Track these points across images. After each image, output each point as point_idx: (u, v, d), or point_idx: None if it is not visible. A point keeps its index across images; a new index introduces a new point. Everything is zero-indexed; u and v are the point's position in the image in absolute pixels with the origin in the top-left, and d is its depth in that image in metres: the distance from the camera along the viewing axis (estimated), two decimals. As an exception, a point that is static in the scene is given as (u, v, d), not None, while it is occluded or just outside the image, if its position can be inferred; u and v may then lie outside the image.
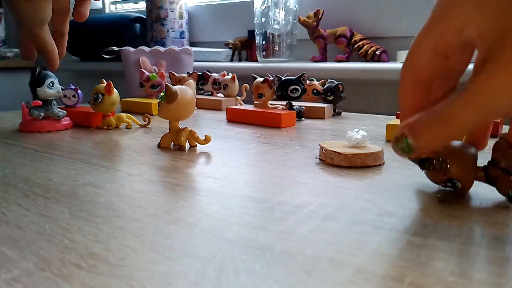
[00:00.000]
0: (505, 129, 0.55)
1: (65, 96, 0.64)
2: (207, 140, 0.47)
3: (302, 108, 0.67)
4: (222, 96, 0.84)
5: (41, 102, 0.57)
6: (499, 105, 0.22)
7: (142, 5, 1.54)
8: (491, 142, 0.30)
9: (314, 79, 0.74)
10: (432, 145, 0.25)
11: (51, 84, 0.56)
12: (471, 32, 0.24)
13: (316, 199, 0.30)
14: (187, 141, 0.47)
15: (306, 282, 0.19)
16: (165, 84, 0.45)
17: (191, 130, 0.47)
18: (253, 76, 0.65)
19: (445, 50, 0.26)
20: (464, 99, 0.23)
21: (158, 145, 0.48)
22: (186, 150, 0.46)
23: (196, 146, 0.48)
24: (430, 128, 0.24)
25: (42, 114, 0.57)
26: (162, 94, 0.45)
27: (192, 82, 0.47)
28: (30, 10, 0.47)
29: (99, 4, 1.64)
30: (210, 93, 0.87)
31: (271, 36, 1.04)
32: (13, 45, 1.81)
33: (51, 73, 0.57)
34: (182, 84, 0.47)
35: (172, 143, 0.48)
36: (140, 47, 0.94)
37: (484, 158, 0.31)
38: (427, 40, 0.26)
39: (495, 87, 0.22)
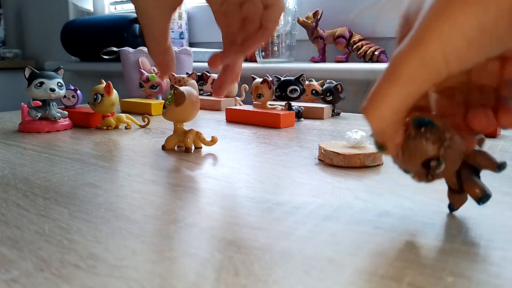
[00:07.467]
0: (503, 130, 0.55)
1: (64, 96, 0.64)
2: (213, 141, 0.46)
3: (301, 109, 0.67)
4: (221, 96, 0.83)
5: (41, 103, 0.57)
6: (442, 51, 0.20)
7: (141, 6, 1.53)
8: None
9: (313, 80, 0.74)
10: (382, 119, 0.23)
11: (38, 85, 0.55)
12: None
13: (315, 199, 0.30)
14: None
15: (305, 283, 0.19)
16: (174, 86, 0.44)
17: (197, 132, 0.47)
18: (252, 76, 0.65)
19: None
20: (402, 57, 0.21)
21: (162, 147, 0.47)
22: (192, 151, 0.46)
23: (201, 147, 0.47)
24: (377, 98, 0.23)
25: (39, 114, 0.57)
26: (169, 96, 0.44)
27: (195, 83, 0.47)
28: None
29: (89, 8, 1.62)
30: (209, 93, 0.87)
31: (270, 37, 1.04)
32: (13, 45, 1.80)
33: (51, 74, 0.57)
34: (181, 85, 0.47)
35: (176, 145, 0.48)
36: (140, 48, 0.94)
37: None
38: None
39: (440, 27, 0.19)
